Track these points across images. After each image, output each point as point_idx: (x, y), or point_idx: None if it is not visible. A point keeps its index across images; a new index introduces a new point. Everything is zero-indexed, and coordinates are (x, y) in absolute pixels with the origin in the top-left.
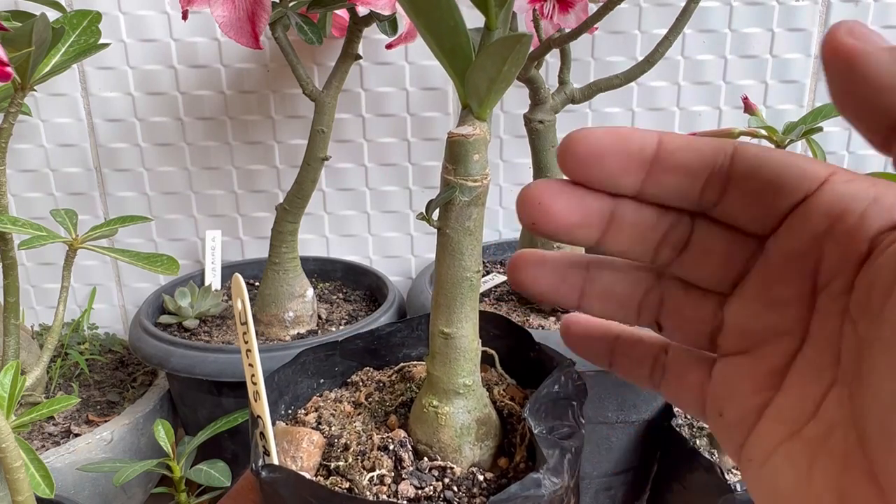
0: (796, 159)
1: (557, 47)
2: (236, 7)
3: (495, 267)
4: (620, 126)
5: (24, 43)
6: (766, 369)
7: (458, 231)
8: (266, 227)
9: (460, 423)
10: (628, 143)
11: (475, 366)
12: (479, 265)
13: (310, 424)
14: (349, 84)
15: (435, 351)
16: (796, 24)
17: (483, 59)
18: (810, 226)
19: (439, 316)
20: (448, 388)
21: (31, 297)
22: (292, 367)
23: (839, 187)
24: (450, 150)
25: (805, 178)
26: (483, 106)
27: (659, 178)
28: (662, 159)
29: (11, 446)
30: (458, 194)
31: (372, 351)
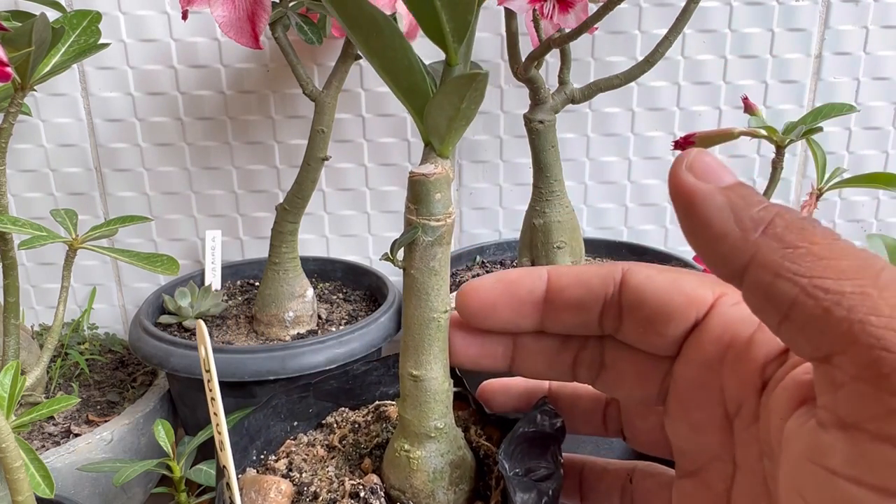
0: (683, 284)
1: (557, 47)
2: (236, 7)
3: (495, 267)
4: (508, 271)
5: (24, 43)
6: (713, 494)
7: (423, 272)
8: (266, 227)
9: (433, 468)
10: (516, 290)
11: (447, 408)
12: (446, 305)
13: (280, 472)
14: (349, 84)
15: (405, 394)
16: (796, 24)
17: (440, 98)
18: (704, 353)
19: (408, 358)
20: (419, 432)
21: (31, 297)
22: (264, 412)
23: (726, 311)
24: (411, 189)
25: (692, 304)
26: (444, 143)
27: (554, 317)
28: (553, 299)
29: (11, 446)
30: (422, 234)
31: (347, 391)
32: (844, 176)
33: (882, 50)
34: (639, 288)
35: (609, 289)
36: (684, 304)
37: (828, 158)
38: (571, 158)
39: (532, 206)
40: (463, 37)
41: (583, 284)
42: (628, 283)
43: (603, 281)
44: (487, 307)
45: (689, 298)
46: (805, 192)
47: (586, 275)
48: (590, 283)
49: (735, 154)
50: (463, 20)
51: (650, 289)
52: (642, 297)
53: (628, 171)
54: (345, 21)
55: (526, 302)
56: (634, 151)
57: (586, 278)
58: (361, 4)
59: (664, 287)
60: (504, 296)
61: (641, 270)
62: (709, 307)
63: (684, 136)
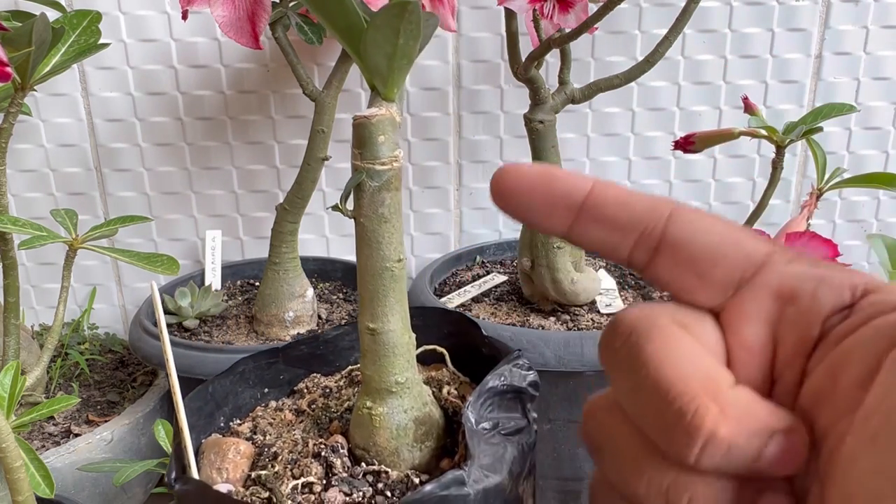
0: (734, 233)
1: (557, 47)
2: (236, 7)
3: (496, 267)
4: (555, 168)
5: (24, 43)
6: None
7: (372, 219)
8: (266, 227)
9: (395, 424)
10: (553, 186)
11: (408, 362)
12: (399, 254)
13: (244, 435)
14: (349, 84)
15: (364, 349)
16: (796, 24)
17: (372, 34)
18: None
19: (364, 311)
20: (380, 388)
21: (31, 297)
22: (230, 377)
23: (783, 268)
24: (354, 133)
25: (743, 254)
26: (388, 85)
27: (585, 228)
28: (589, 209)
29: (11, 446)
30: (367, 179)
31: (319, 356)
32: (844, 176)
33: (882, 50)
34: (688, 226)
35: (653, 220)
36: (735, 251)
37: (828, 158)
38: (571, 158)
39: None
40: None
41: (626, 206)
42: (677, 219)
43: (649, 209)
44: (520, 193)
45: (741, 248)
46: (805, 192)
47: (633, 197)
48: (634, 207)
49: (735, 154)
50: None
51: (701, 229)
52: (690, 236)
53: (628, 171)
54: None
55: (560, 202)
56: (634, 151)
57: (632, 201)
58: None
59: (717, 231)
60: (538, 188)
61: (692, 211)
62: (761, 260)
63: (684, 136)
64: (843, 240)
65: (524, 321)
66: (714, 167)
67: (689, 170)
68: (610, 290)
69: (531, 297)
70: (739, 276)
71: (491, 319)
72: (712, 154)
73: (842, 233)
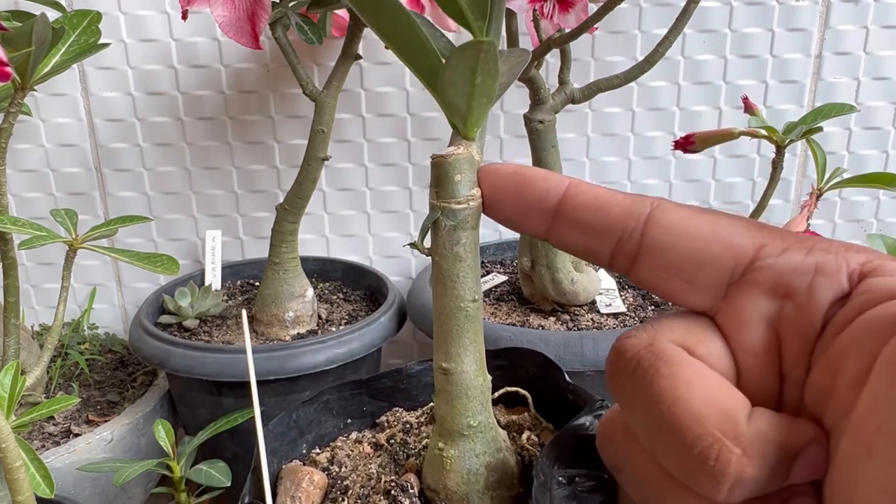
0: (720, 231)
1: (557, 47)
2: (236, 7)
3: (496, 267)
4: (530, 168)
5: (24, 43)
6: None
7: (447, 258)
8: (266, 227)
9: (466, 469)
10: (526, 192)
11: (482, 405)
12: (475, 294)
13: (321, 465)
14: (349, 84)
15: (438, 388)
16: (796, 24)
17: (449, 74)
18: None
19: (438, 350)
20: (452, 430)
21: (31, 297)
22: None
23: (775, 262)
24: (432, 172)
25: (730, 255)
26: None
27: (562, 233)
28: (564, 214)
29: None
30: (443, 218)
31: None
32: (844, 176)
33: (882, 50)
34: (668, 229)
35: (630, 223)
36: (721, 251)
37: (828, 158)
38: (571, 158)
39: None
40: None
41: (600, 209)
42: (656, 222)
43: (625, 213)
44: (496, 199)
45: (727, 247)
46: (805, 192)
47: (608, 201)
48: (609, 210)
49: (735, 154)
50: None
51: (682, 231)
52: (671, 240)
53: (628, 171)
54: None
55: (535, 207)
56: (634, 151)
57: (606, 204)
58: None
59: (699, 231)
60: (513, 193)
61: (673, 210)
62: (751, 258)
63: (684, 136)
64: (843, 240)
65: (524, 321)
66: (714, 167)
67: (689, 170)
68: (610, 290)
69: (531, 297)
70: (728, 276)
71: (491, 319)
72: (712, 154)
73: (842, 233)
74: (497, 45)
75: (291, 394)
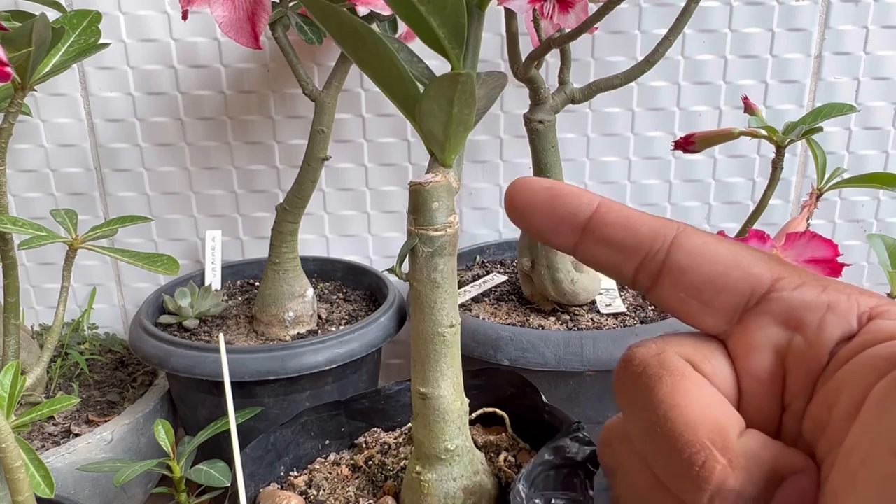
0: (741, 257)
1: (557, 47)
2: (236, 7)
3: (496, 267)
4: (564, 185)
5: (24, 43)
6: None
7: (425, 284)
8: (266, 227)
9: (444, 492)
10: (557, 205)
11: (459, 429)
12: (452, 319)
13: (299, 488)
14: (349, 84)
15: (416, 412)
16: (796, 24)
17: (427, 104)
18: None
19: (416, 375)
20: (430, 454)
21: (31, 297)
22: (292, 428)
23: (789, 295)
24: (410, 199)
25: (748, 282)
26: (445, 152)
27: (589, 248)
28: (593, 230)
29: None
30: (420, 245)
31: (381, 411)
32: (844, 176)
33: (882, 50)
34: (692, 252)
35: (657, 244)
36: (740, 278)
37: (828, 158)
38: (571, 158)
39: None
40: (461, 41)
41: (630, 228)
42: (681, 245)
43: (653, 233)
44: (528, 209)
45: (746, 275)
46: (805, 192)
47: (637, 220)
48: (638, 229)
49: (735, 154)
50: (454, 23)
51: (705, 255)
52: (694, 262)
53: (628, 171)
54: (333, 34)
55: (565, 221)
56: (634, 151)
57: (635, 223)
58: (342, 17)
59: (721, 257)
60: (546, 206)
61: (698, 235)
62: (767, 288)
63: (684, 136)
64: (843, 240)
65: (524, 321)
66: (714, 167)
67: (689, 170)
68: (610, 290)
69: (531, 297)
70: (745, 303)
71: (491, 319)
72: (712, 154)
73: (842, 233)
74: (474, 76)
75: (291, 394)
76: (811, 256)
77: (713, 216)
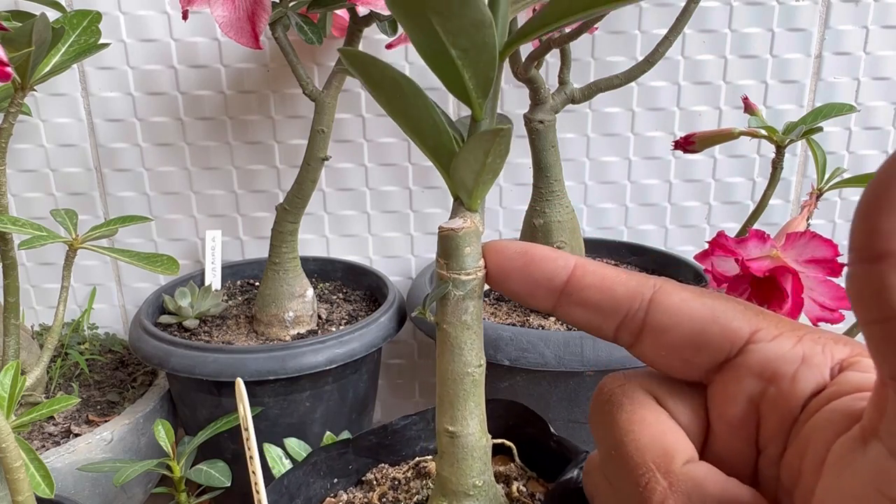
0: (719, 313)
1: (557, 47)
2: (236, 7)
3: None
4: (537, 247)
5: (24, 43)
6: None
7: (455, 326)
8: (266, 227)
9: None
10: (534, 271)
11: (485, 464)
12: (480, 359)
13: None
14: (349, 84)
15: (442, 450)
16: (796, 24)
17: (465, 155)
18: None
19: (443, 413)
20: (458, 490)
21: (31, 297)
22: (303, 469)
23: (765, 347)
24: (441, 244)
25: (726, 338)
26: (472, 197)
27: (567, 310)
28: (570, 294)
29: (11, 446)
30: (453, 289)
31: (386, 446)
32: (844, 176)
33: (882, 50)
34: (670, 311)
35: (634, 304)
36: (718, 335)
37: (828, 158)
38: (571, 158)
39: (532, 206)
40: (487, 92)
41: (606, 290)
42: (659, 304)
43: (630, 294)
44: (502, 275)
45: (724, 330)
46: (805, 192)
47: (613, 281)
48: (615, 290)
49: (735, 154)
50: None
51: (684, 314)
52: (673, 322)
53: (628, 171)
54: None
55: (541, 286)
56: (634, 151)
57: (612, 285)
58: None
59: (699, 313)
60: (521, 272)
61: (675, 292)
62: (745, 341)
63: (684, 136)
64: (843, 240)
65: (524, 321)
66: (714, 167)
67: (689, 170)
68: None
69: None
70: (724, 358)
71: (491, 319)
72: (712, 154)
73: (842, 233)
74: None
75: (291, 394)
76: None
77: (713, 216)
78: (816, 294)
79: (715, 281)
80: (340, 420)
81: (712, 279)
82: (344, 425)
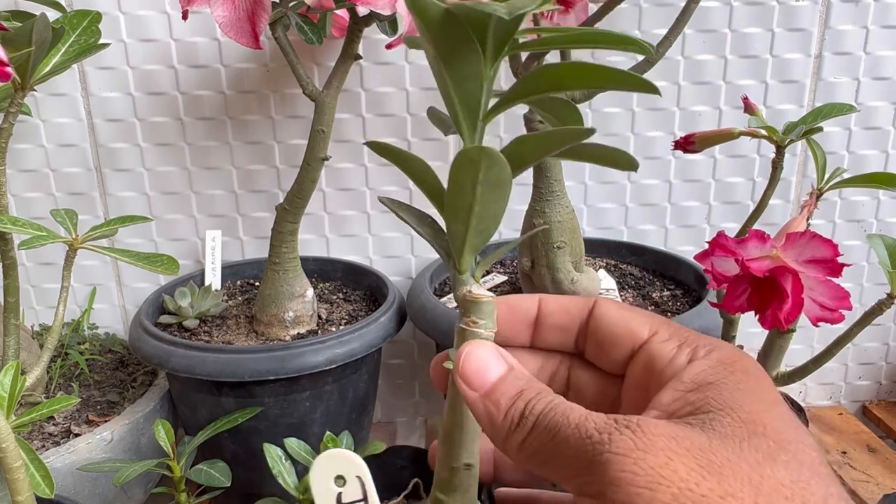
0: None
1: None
2: (236, 7)
3: (496, 267)
4: (509, 297)
5: (24, 43)
6: None
7: None
8: (266, 227)
9: None
10: (516, 311)
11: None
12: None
13: None
14: (349, 84)
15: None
16: (796, 24)
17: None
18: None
19: (460, 451)
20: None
21: (31, 297)
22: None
23: (655, 346)
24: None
25: (630, 337)
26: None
27: (543, 335)
28: (542, 320)
29: (11, 446)
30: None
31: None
32: (844, 176)
33: (882, 50)
34: (599, 318)
35: (584, 315)
36: (625, 335)
37: (828, 158)
38: None
39: (532, 206)
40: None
41: (565, 311)
42: (594, 314)
43: (580, 309)
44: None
45: (629, 332)
46: (805, 192)
47: (568, 303)
48: (570, 310)
49: (735, 154)
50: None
51: (606, 320)
52: (600, 326)
53: (628, 171)
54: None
55: (522, 321)
56: (634, 151)
57: (568, 306)
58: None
59: (615, 320)
60: (505, 314)
61: (604, 304)
62: (644, 341)
63: (684, 136)
64: (843, 240)
65: None
66: (714, 167)
67: (689, 170)
68: (610, 290)
69: None
70: (630, 353)
71: None
72: (712, 154)
73: (842, 233)
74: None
75: (291, 394)
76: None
77: (713, 216)
78: (816, 294)
79: (715, 281)
80: (340, 420)
81: (712, 279)
82: (344, 425)
